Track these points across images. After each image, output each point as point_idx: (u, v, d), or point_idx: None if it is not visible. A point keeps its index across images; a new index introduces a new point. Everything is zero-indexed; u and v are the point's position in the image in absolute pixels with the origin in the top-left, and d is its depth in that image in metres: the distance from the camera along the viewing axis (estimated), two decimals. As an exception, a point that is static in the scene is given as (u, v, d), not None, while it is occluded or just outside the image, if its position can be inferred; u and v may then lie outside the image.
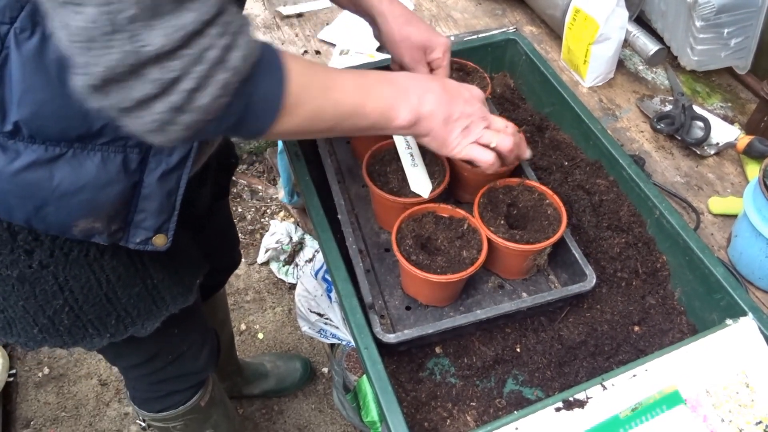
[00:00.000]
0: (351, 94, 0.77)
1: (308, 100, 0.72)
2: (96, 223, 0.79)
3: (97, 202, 0.77)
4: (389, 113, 0.80)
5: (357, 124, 0.79)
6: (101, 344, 0.97)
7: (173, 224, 0.84)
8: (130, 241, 0.83)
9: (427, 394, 0.90)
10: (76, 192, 0.76)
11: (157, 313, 0.99)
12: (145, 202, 0.81)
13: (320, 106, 0.73)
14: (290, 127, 0.72)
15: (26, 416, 1.97)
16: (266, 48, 0.68)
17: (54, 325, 0.92)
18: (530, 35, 1.52)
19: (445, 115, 0.84)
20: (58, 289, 0.88)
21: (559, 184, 1.10)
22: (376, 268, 1.02)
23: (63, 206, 0.76)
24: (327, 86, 0.74)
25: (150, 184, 0.80)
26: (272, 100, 0.68)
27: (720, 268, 0.90)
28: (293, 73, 0.69)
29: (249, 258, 2.36)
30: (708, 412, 0.76)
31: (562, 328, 0.96)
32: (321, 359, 2.11)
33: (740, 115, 1.35)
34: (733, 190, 1.20)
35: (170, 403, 1.30)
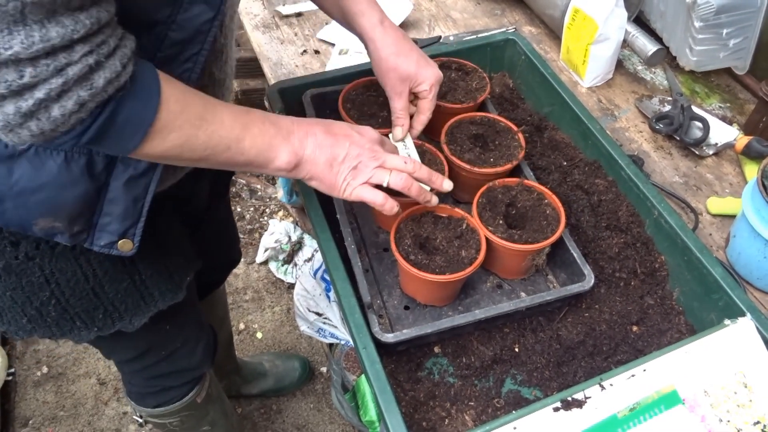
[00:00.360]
0: (228, 128, 0.76)
1: (179, 128, 0.71)
2: (56, 222, 0.78)
3: (57, 202, 0.77)
4: (268, 153, 0.80)
5: (233, 159, 0.78)
6: (89, 337, 0.97)
7: (139, 230, 0.83)
8: (94, 243, 0.82)
9: (426, 393, 0.90)
10: (35, 190, 0.75)
11: (145, 309, 0.99)
12: (110, 206, 0.80)
13: (192, 134, 0.72)
14: (159, 152, 0.71)
15: (25, 415, 1.97)
16: (145, 71, 0.67)
17: (42, 316, 0.92)
18: (529, 35, 1.52)
19: (328, 158, 0.84)
20: (44, 281, 0.88)
21: (558, 184, 1.11)
22: (374, 268, 1.02)
23: (21, 204, 0.76)
24: (203, 117, 0.73)
25: (116, 188, 0.79)
26: (138, 124, 0.67)
27: (718, 268, 0.90)
28: (169, 100, 0.69)
29: (248, 257, 2.36)
30: (706, 412, 0.76)
31: (561, 328, 0.96)
32: (319, 359, 2.11)
33: (739, 116, 1.35)
34: (731, 191, 1.20)
35: (166, 398, 1.30)
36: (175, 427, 1.38)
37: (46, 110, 0.60)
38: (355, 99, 1.13)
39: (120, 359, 1.19)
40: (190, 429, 1.41)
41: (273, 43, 1.47)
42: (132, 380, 1.29)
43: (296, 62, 1.43)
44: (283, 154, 0.81)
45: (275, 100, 1.15)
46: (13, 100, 0.59)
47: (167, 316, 1.03)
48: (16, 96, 0.58)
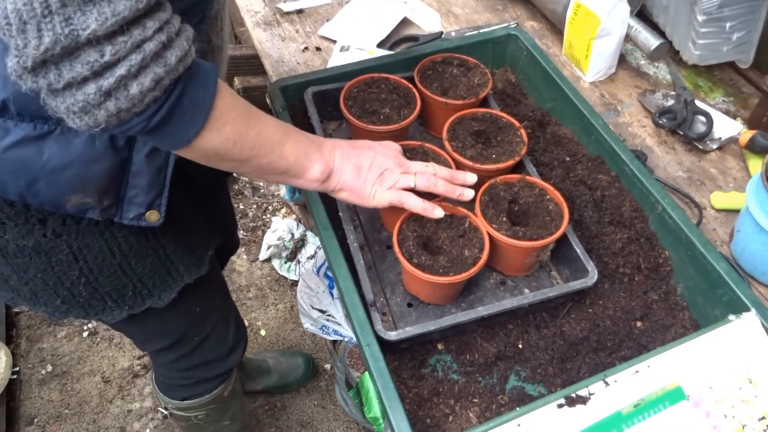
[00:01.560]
0: (272, 131, 0.80)
1: (233, 121, 0.74)
2: (87, 198, 0.82)
3: (86, 178, 0.80)
4: (304, 162, 0.84)
5: (273, 164, 0.81)
6: (121, 316, 1.00)
7: (164, 200, 0.87)
8: (123, 216, 0.86)
9: (429, 390, 0.90)
10: (65, 168, 0.78)
11: (173, 284, 1.01)
12: (135, 178, 0.83)
13: (243, 131, 0.76)
14: (212, 145, 0.73)
15: (30, 413, 1.98)
16: (204, 63, 0.70)
17: (74, 296, 0.95)
18: (531, 30, 1.51)
19: (355, 167, 0.89)
20: (72, 258, 0.90)
21: (561, 180, 1.10)
22: (377, 265, 1.02)
23: (53, 181, 0.79)
24: (251, 116, 0.77)
25: (138, 161, 0.82)
26: (200, 110, 0.70)
27: (723, 263, 0.90)
28: (223, 93, 0.72)
29: (251, 255, 2.36)
30: (711, 408, 0.76)
31: (564, 324, 0.96)
32: (323, 356, 2.11)
33: (742, 110, 1.34)
34: (735, 185, 1.19)
35: (197, 391, 1.33)
36: (199, 420, 1.40)
37: (125, 88, 0.62)
38: (356, 96, 1.13)
39: (155, 348, 1.21)
40: (212, 423, 1.43)
41: (274, 40, 1.47)
42: (166, 372, 1.31)
43: (298, 59, 1.42)
44: (317, 164, 0.86)
45: (277, 98, 1.15)
46: (95, 81, 0.61)
47: (196, 297, 1.08)
48: (98, 76, 0.61)
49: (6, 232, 0.87)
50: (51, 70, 0.60)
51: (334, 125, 1.24)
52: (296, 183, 0.87)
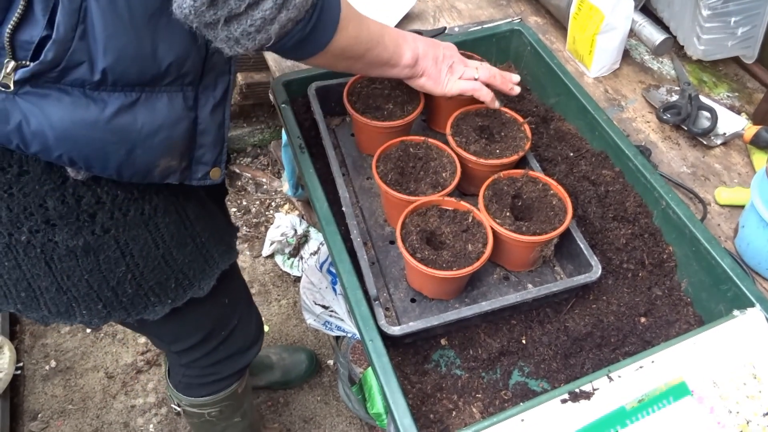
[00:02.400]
0: (374, 25, 0.91)
1: (353, 19, 0.85)
2: (173, 161, 0.85)
3: (172, 140, 0.83)
4: (399, 49, 0.96)
5: (380, 55, 0.94)
6: (163, 311, 1.00)
7: (224, 156, 0.91)
8: (193, 178, 0.89)
9: (433, 386, 0.89)
10: (156, 131, 0.81)
11: (210, 272, 1.04)
12: (202, 137, 0.87)
13: (360, 27, 0.87)
14: (341, 44, 0.84)
15: (33, 409, 1.98)
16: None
17: (117, 296, 0.95)
18: (535, 26, 1.51)
19: (434, 56, 1.01)
20: (120, 254, 0.91)
21: (565, 175, 1.10)
22: (380, 261, 1.02)
23: (148, 147, 0.81)
24: (359, 15, 0.88)
25: (204, 119, 0.85)
26: (336, 12, 0.81)
27: (727, 258, 0.90)
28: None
29: (254, 251, 2.36)
30: (715, 404, 0.76)
31: (568, 320, 0.96)
32: (326, 352, 2.11)
33: (747, 105, 1.34)
34: (740, 181, 1.19)
35: (214, 389, 1.34)
36: (212, 417, 1.41)
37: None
38: (360, 92, 1.12)
39: (182, 347, 1.21)
40: (224, 419, 1.44)
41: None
42: (187, 371, 1.31)
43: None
44: (408, 51, 0.97)
45: (280, 93, 1.14)
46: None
47: (224, 288, 1.10)
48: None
49: (56, 234, 0.87)
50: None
51: (337, 120, 1.24)
52: (392, 72, 0.99)
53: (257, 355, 1.35)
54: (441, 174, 1.02)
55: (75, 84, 0.74)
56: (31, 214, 0.84)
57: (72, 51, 0.71)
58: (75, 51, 0.71)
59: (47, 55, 0.70)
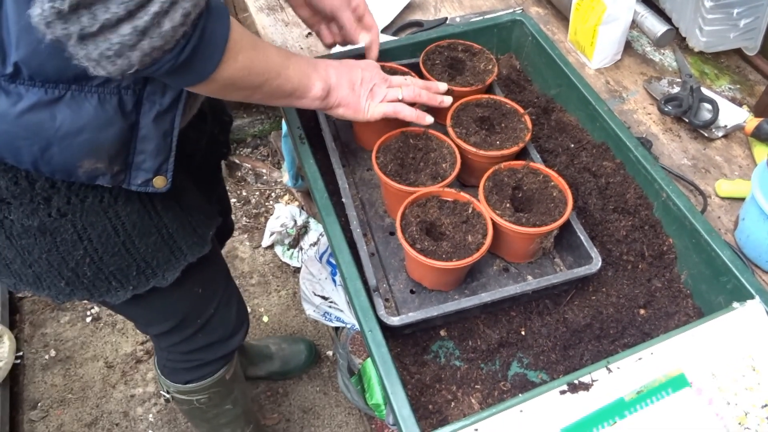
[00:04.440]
0: (275, 55, 0.84)
1: (245, 49, 0.77)
2: (99, 164, 0.82)
3: (97, 143, 0.80)
4: (307, 81, 0.89)
5: (282, 87, 0.86)
6: (125, 297, 1.00)
7: (171, 165, 0.88)
8: (131, 183, 0.87)
9: (432, 376, 0.90)
10: (77, 132, 0.78)
11: (176, 263, 1.02)
12: (143, 143, 0.84)
13: (254, 57, 0.79)
14: (229, 74, 0.76)
15: (33, 398, 1.99)
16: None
17: (78, 277, 0.95)
18: (536, 16, 1.50)
19: (350, 82, 0.95)
20: (77, 238, 0.91)
21: (565, 167, 1.10)
22: (380, 252, 1.02)
23: (66, 147, 0.79)
24: (257, 43, 0.81)
25: (146, 125, 0.83)
26: (220, 40, 0.73)
27: (727, 251, 0.90)
28: (233, 22, 0.75)
29: (254, 241, 2.36)
30: (714, 396, 0.76)
31: (567, 311, 0.96)
32: (325, 342, 2.12)
33: (749, 97, 1.33)
34: (740, 173, 1.19)
35: (199, 374, 1.33)
36: (201, 404, 1.40)
37: (158, 25, 0.63)
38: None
39: (158, 331, 1.22)
40: (214, 407, 1.44)
41: (277, 25, 1.46)
42: (168, 355, 1.31)
43: (301, 44, 1.41)
44: (318, 83, 0.90)
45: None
46: (130, 21, 0.61)
47: (198, 278, 1.09)
48: (132, 16, 0.61)
49: (11, 213, 0.87)
50: (83, 15, 0.59)
51: (337, 111, 1.23)
52: (300, 103, 0.91)
53: (242, 343, 1.34)
54: (441, 165, 1.01)
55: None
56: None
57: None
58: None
59: None
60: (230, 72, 0.76)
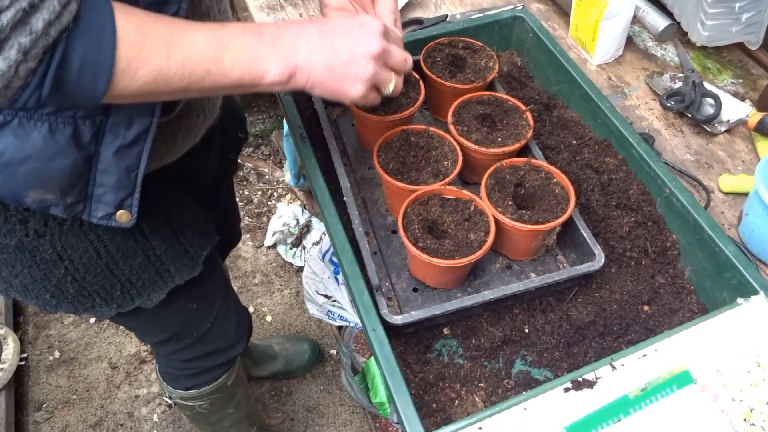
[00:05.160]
0: (202, 49, 0.68)
1: (146, 62, 0.64)
2: (47, 194, 0.76)
3: (45, 174, 0.74)
4: (255, 68, 0.72)
5: (218, 83, 0.70)
6: (110, 314, 0.98)
7: (136, 201, 0.80)
8: (92, 215, 0.80)
9: (435, 375, 0.89)
10: (21, 161, 0.72)
11: (162, 285, 0.99)
12: (102, 176, 0.77)
13: (163, 66, 0.66)
14: (133, 91, 0.65)
15: (38, 399, 1.99)
16: (91, 7, 0.61)
17: (62, 292, 0.92)
18: (537, 12, 1.50)
19: (328, 60, 0.75)
20: (57, 258, 0.88)
21: (568, 163, 1.09)
22: (383, 250, 1.02)
23: (8, 176, 0.73)
24: (170, 43, 0.66)
25: (106, 158, 0.75)
26: (98, 66, 0.62)
27: (731, 246, 0.89)
28: (126, 33, 0.62)
29: (256, 241, 2.36)
30: (718, 392, 0.76)
31: (571, 309, 0.95)
32: (329, 341, 2.12)
33: (751, 92, 1.33)
34: (744, 168, 1.18)
35: (200, 381, 1.32)
36: (203, 409, 1.40)
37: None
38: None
39: (154, 341, 1.20)
40: (216, 411, 1.43)
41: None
42: (168, 363, 1.30)
43: (301, 43, 1.41)
44: (274, 66, 0.73)
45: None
46: None
47: (192, 294, 1.04)
48: None
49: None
50: None
51: (338, 110, 1.23)
52: (256, 90, 0.76)
53: (243, 349, 1.32)
54: (442, 163, 1.01)
55: None
56: None
57: None
58: None
59: None
60: (131, 90, 0.65)
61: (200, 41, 0.68)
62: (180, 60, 0.67)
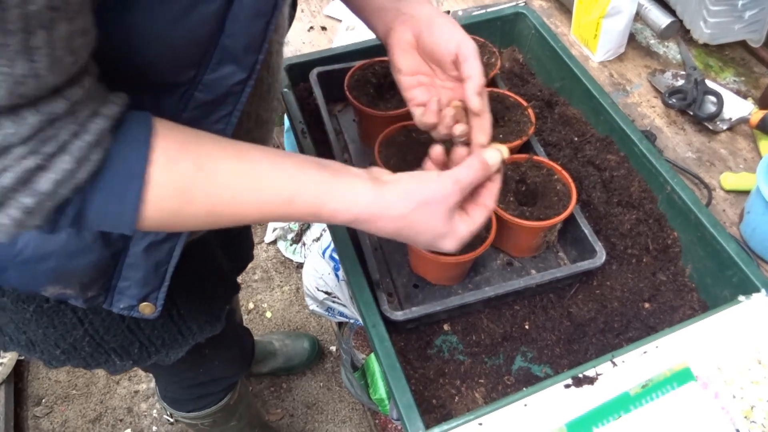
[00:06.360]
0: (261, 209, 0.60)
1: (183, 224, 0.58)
2: (67, 290, 0.72)
3: (66, 270, 0.70)
4: (321, 219, 0.64)
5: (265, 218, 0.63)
6: (125, 368, 0.93)
7: (162, 294, 0.75)
8: (113, 305, 0.76)
9: (435, 371, 0.89)
10: (42, 259, 0.68)
11: (183, 342, 0.95)
12: (129, 270, 0.72)
13: (201, 225, 0.60)
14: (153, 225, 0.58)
15: (38, 394, 1.99)
16: (123, 155, 0.53)
17: (76, 350, 0.87)
18: (539, 9, 1.49)
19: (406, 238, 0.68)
20: (77, 321, 0.83)
21: (569, 160, 1.09)
22: (383, 246, 1.02)
23: (26, 272, 0.69)
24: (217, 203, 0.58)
25: (135, 254, 0.71)
26: (121, 220, 0.55)
27: (732, 244, 0.89)
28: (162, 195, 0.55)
29: (256, 237, 2.36)
30: (719, 389, 0.75)
31: (572, 305, 0.95)
32: (329, 338, 2.12)
33: (754, 90, 1.32)
34: (745, 166, 1.18)
35: (202, 404, 1.31)
36: (206, 426, 1.40)
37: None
38: (361, 79, 1.11)
39: (157, 371, 1.19)
40: (219, 426, 1.44)
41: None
42: (168, 387, 1.28)
43: (303, 39, 1.41)
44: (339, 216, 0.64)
45: (282, 78, 1.13)
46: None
47: (206, 343, 1.00)
48: None
49: (4, 294, 0.79)
50: None
51: (340, 106, 1.23)
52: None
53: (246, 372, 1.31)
54: (444, 159, 1.01)
55: None
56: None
57: None
58: None
59: None
60: (152, 224, 0.57)
61: (268, 191, 0.60)
62: (230, 214, 0.60)
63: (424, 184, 0.65)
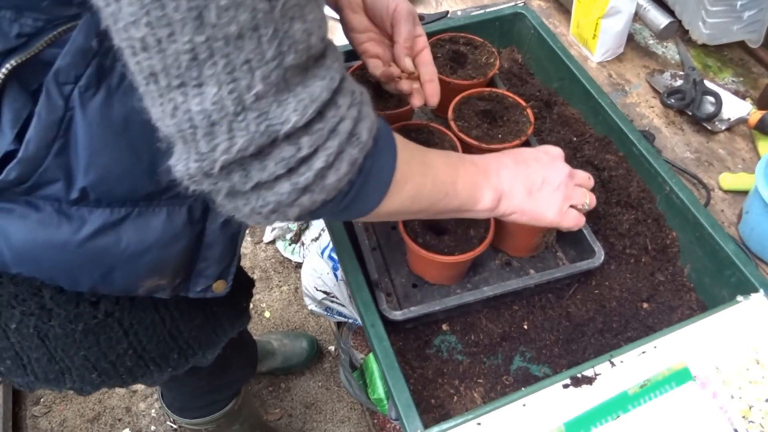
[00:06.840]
0: (444, 171, 0.71)
1: (412, 177, 0.66)
2: (162, 280, 0.75)
3: (163, 260, 0.72)
4: (475, 193, 0.75)
5: (448, 206, 0.73)
6: (162, 379, 0.94)
7: (234, 268, 0.80)
8: (190, 290, 0.79)
9: (434, 371, 0.89)
10: (143, 252, 0.70)
11: (217, 341, 0.97)
12: (207, 250, 0.76)
13: (421, 184, 0.67)
14: (392, 208, 0.66)
15: (36, 393, 1.99)
16: (380, 119, 0.61)
17: (115, 368, 0.87)
18: (538, 9, 1.49)
19: (526, 187, 0.80)
20: (123, 334, 0.83)
21: (568, 160, 1.08)
22: (382, 246, 1.02)
23: (131, 269, 0.71)
24: (425, 162, 0.69)
25: (213, 231, 0.74)
26: (385, 177, 0.62)
27: (731, 244, 0.89)
28: (400, 148, 0.64)
29: (255, 237, 2.36)
30: (718, 389, 0.76)
31: (570, 305, 0.95)
32: (327, 337, 2.12)
33: (752, 90, 1.33)
34: (744, 166, 1.18)
35: (207, 411, 1.32)
36: (209, 431, 1.40)
37: (321, 179, 0.54)
38: (361, 78, 1.11)
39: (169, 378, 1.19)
40: (221, 430, 1.44)
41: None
42: (177, 397, 1.29)
43: (302, 39, 1.41)
44: (488, 192, 0.76)
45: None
46: (289, 178, 0.52)
47: (226, 345, 1.01)
48: (292, 172, 0.52)
49: (52, 319, 0.77)
50: (236, 171, 0.51)
51: (338, 105, 1.22)
52: (464, 215, 0.78)
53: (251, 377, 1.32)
54: (443, 159, 1.01)
55: (48, 199, 0.64)
56: (23, 300, 0.74)
57: (44, 169, 0.61)
58: (48, 169, 0.61)
59: (10, 173, 0.60)
60: (393, 206, 0.65)
61: (441, 164, 0.71)
62: (432, 180, 0.69)
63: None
